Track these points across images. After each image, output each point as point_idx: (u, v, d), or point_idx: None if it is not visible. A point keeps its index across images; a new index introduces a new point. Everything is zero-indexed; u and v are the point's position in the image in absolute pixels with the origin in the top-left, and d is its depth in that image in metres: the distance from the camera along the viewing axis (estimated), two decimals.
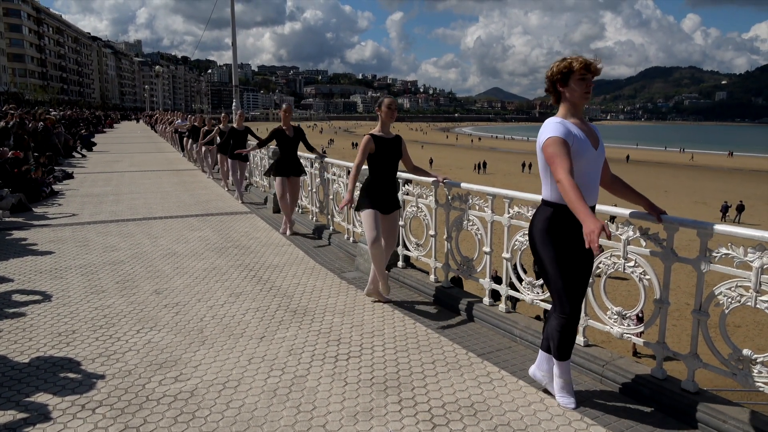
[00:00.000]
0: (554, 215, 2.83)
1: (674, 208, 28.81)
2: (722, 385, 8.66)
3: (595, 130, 2.91)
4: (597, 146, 2.83)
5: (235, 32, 16.96)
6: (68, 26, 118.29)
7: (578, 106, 2.83)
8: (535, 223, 2.94)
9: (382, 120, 4.63)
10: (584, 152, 2.74)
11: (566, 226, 2.80)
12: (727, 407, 2.77)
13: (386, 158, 4.57)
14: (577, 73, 2.76)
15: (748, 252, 2.66)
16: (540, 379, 3.15)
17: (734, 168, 59.61)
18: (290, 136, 7.43)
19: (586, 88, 2.79)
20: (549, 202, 2.87)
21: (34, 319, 4.27)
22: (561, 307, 2.85)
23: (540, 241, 2.87)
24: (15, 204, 8.94)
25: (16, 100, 57.54)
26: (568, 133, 2.71)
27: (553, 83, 2.85)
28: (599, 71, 2.80)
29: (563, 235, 2.82)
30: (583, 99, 2.80)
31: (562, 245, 2.82)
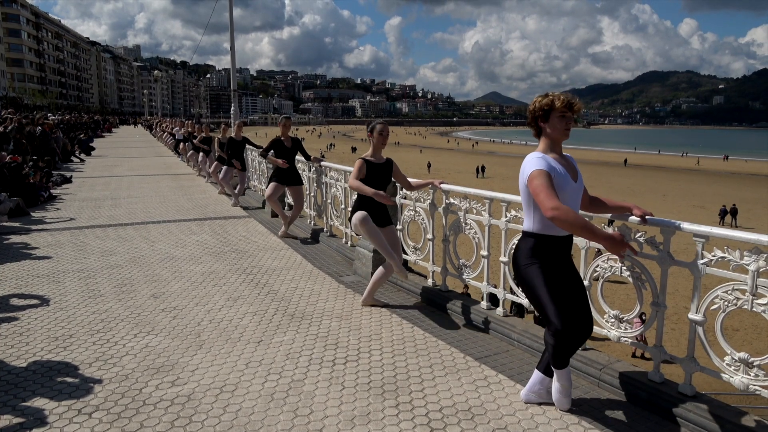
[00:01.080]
0: (537, 245, 2.89)
1: (673, 212, 28.87)
2: (720, 389, 8.65)
3: (573, 162, 2.98)
4: (576, 179, 2.91)
5: (233, 37, 16.99)
6: (67, 31, 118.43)
7: (557, 142, 2.91)
8: (518, 254, 2.97)
9: (374, 144, 4.65)
10: (565, 186, 2.80)
11: (550, 254, 2.89)
12: (724, 411, 2.77)
13: (375, 182, 4.55)
14: (558, 110, 2.85)
15: (744, 255, 2.67)
16: (535, 401, 3.06)
17: (732, 172, 59.74)
18: (288, 147, 7.52)
19: (566, 126, 2.87)
20: (531, 233, 2.92)
21: (31, 323, 4.26)
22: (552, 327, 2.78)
23: (525, 264, 2.91)
24: (13, 208, 8.92)
25: (14, 105, 57.53)
26: (551, 167, 2.79)
27: (534, 118, 2.93)
28: (580, 110, 2.90)
29: (548, 261, 2.88)
30: (563, 135, 2.88)
31: (548, 265, 2.87)
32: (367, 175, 4.55)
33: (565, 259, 2.96)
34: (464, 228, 4.51)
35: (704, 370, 2.94)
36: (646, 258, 3.14)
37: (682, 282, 13.78)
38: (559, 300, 2.80)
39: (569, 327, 2.76)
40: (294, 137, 7.73)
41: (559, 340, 2.77)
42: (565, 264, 2.96)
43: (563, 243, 2.92)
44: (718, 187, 43.53)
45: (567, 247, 2.97)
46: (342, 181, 6.71)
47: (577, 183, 2.90)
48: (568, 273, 2.96)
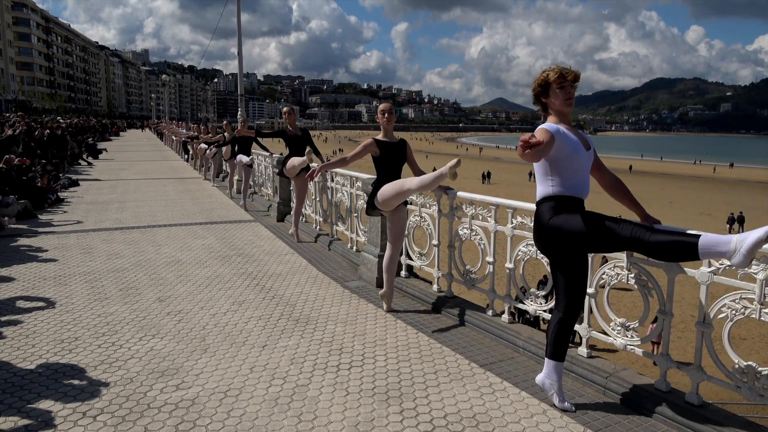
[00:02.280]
0: (557, 204, 2.90)
1: (680, 219, 28.71)
2: (727, 398, 8.57)
3: (584, 135, 3.05)
4: (588, 148, 3.00)
5: (241, 42, 17.09)
6: (76, 35, 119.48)
7: (564, 114, 2.96)
8: (541, 220, 2.95)
9: (383, 126, 4.69)
10: (577, 151, 2.88)
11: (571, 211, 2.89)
12: (732, 421, 2.74)
13: (391, 161, 4.62)
14: (554, 83, 2.91)
15: (752, 264, 2.65)
16: (548, 388, 3.10)
17: (740, 179, 59.40)
18: (298, 135, 7.53)
19: (566, 95, 2.91)
20: (550, 197, 2.93)
21: (37, 326, 4.28)
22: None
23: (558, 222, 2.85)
24: (21, 211, 8.99)
25: (23, 108, 58.00)
26: (558, 131, 2.83)
27: (536, 96, 3.02)
28: (577, 77, 2.91)
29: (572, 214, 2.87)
30: (566, 106, 2.93)
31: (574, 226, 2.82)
32: (382, 154, 4.60)
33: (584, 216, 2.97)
34: (470, 234, 4.50)
35: (711, 379, 2.92)
36: (653, 266, 3.13)
37: (689, 290, 13.69)
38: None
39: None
40: (303, 128, 7.78)
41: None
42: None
43: (580, 205, 2.94)
44: (725, 195, 43.28)
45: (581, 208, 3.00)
46: (348, 186, 6.71)
47: (588, 152, 2.98)
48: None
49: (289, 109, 7.78)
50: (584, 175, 2.98)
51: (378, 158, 4.62)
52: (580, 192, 2.92)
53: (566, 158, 2.87)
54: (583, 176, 2.97)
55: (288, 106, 7.87)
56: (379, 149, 4.59)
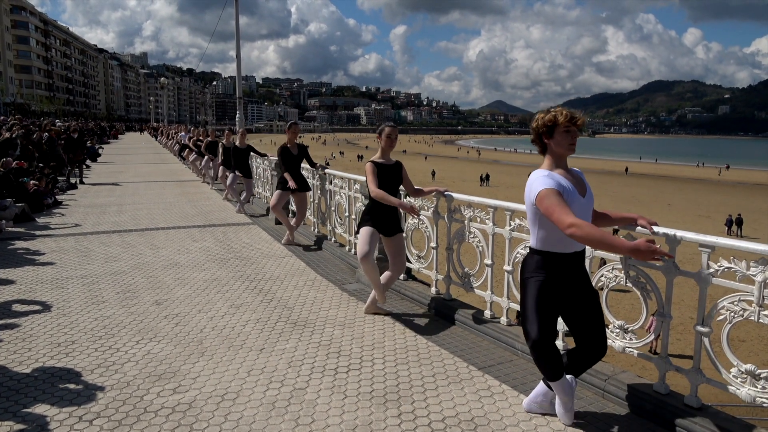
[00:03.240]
0: (544, 261, 2.84)
1: (678, 221, 28.75)
2: (726, 401, 8.57)
3: (581, 176, 2.92)
4: (584, 194, 2.84)
5: (239, 45, 17.10)
6: (75, 38, 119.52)
7: (563, 158, 2.85)
8: (525, 269, 2.93)
9: (382, 148, 4.66)
10: (573, 203, 2.72)
11: (558, 270, 2.83)
12: (730, 423, 2.73)
13: (387, 184, 4.57)
14: (561, 126, 2.78)
15: (750, 266, 2.64)
16: (536, 411, 3.04)
17: (738, 182, 59.51)
18: (294, 154, 7.50)
19: (570, 140, 2.81)
20: (537, 251, 2.87)
21: (33, 329, 4.26)
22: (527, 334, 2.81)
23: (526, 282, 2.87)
24: (18, 214, 8.96)
25: (22, 111, 57.99)
26: (558, 185, 2.72)
27: (538, 135, 2.87)
28: (584, 124, 2.83)
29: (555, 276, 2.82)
30: (568, 151, 2.82)
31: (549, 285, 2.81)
32: (378, 177, 4.55)
33: (576, 275, 2.88)
34: (468, 236, 4.49)
35: (710, 381, 2.90)
36: (651, 268, 3.12)
37: (687, 292, 13.69)
38: (543, 314, 2.77)
39: (545, 339, 2.75)
40: (300, 144, 7.75)
41: (536, 352, 2.78)
42: (577, 281, 2.88)
43: (572, 259, 2.85)
44: (723, 197, 43.34)
45: (577, 263, 2.89)
46: (346, 188, 6.71)
47: (585, 198, 2.83)
48: (581, 290, 2.88)
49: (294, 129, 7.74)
50: None
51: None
52: (567, 246, 2.81)
53: None
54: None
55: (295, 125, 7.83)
56: (378, 172, 4.55)
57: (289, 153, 7.52)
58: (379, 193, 4.44)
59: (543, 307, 2.79)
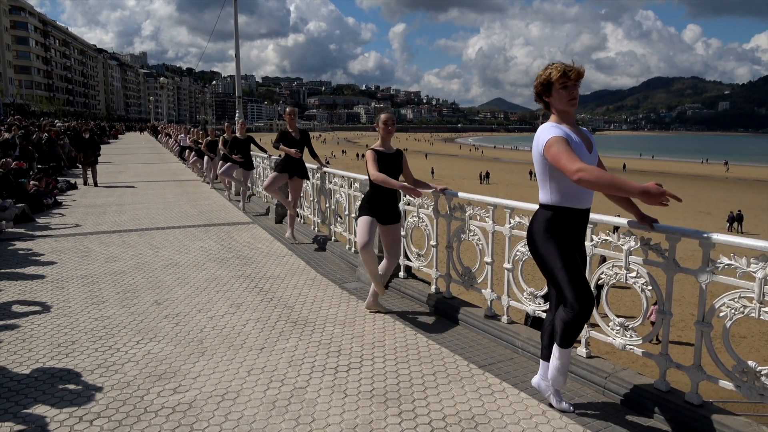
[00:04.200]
0: (554, 217, 2.86)
1: (679, 218, 28.72)
2: (728, 397, 8.56)
3: (588, 134, 2.95)
4: (591, 150, 2.89)
5: (238, 44, 17.08)
6: (74, 38, 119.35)
7: (567, 113, 2.85)
8: (534, 227, 2.93)
9: (381, 136, 4.66)
10: (580, 155, 2.74)
11: (566, 227, 2.86)
12: (731, 420, 2.73)
13: (387, 172, 4.55)
14: (557, 82, 2.80)
15: (751, 262, 2.64)
16: (544, 390, 3.09)
17: (739, 178, 59.45)
18: (297, 138, 7.48)
19: (569, 95, 2.81)
20: (548, 206, 2.88)
21: (34, 330, 4.25)
22: (570, 305, 2.78)
23: (542, 241, 2.87)
24: (18, 215, 8.96)
25: (21, 112, 57.98)
26: (566, 134, 2.75)
27: (538, 95, 2.90)
28: (581, 75, 2.80)
29: (564, 234, 2.85)
30: (570, 106, 2.82)
31: (564, 243, 2.84)
32: (379, 164, 4.54)
33: (580, 234, 2.94)
34: (468, 234, 4.49)
35: (711, 378, 2.90)
36: (651, 265, 3.11)
37: (688, 289, 13.68)
38: (579, 281, 2.78)
39: (587, 309, 2.76)
40: (302, 129, 7.74)
41: (575, 321, 2.78)
42: (579, 240, 2.94)
43: (581, 217, 2.89)
44: (723, 193, 43.31)
45: (584, 221, 2.94)
46: (346, 187, 6.70)
47: (591, 154, 2.87)
48: (580, 250, 2.95)
49: (291, 110, 7.77)
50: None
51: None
52: (579, 201, 2.84)
53: None
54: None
55: (290, 108, 7.86)
56: (378, 160, 4.53)
57: (290, 136, 7.49)
58: (380, 176, 4.41)
59: (574, 273, 2.79)
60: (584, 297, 2.77)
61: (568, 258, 2.81)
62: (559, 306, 2.93)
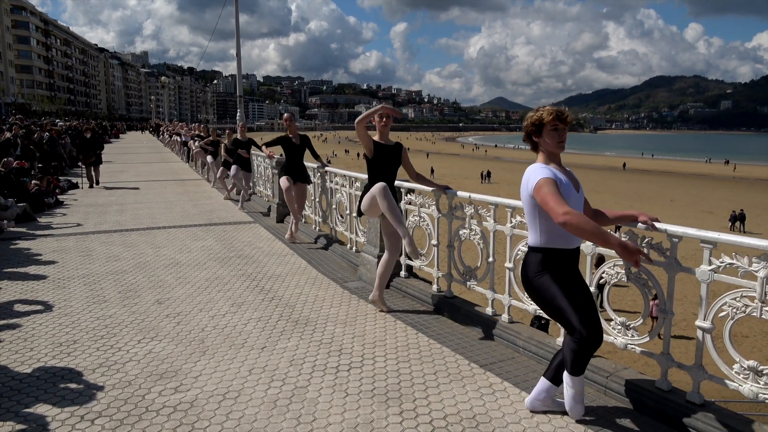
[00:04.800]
0: (545, 259, 2.86)
1: (680, 217, 28.68)
2: (729, 397, 8.56)
3: (573, 175, 2.97)
4: (578, 189, 2.91)
5: (239, 43, 17.08)
6: (76, 38, 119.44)
7: (555, 155, 2.90)
8: (528, 271, 2.92)
9: (378, 130, 4.67)
10: (568, 196, 2.77)
11: (559, 266, 2.85)
12: (733, 420, 2.72)
13: (385, 164, 4.58)
14: (548, 125, 2.84)
15: (753, 262, 2.63)
16: (539, 409, 3.02)
17: (741, 177, 59.37)
18: (296, 144, 7.48)
19: (559, 138, 2.86)
20: (538, 248, 2.88)
21: (35, 329, 4.26)
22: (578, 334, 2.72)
23: (536, 278, 2.87)
24: (20, 214, 8.98)
25: (23, 111, 58.04)
26: (555, 176, 2.77)
27: (528, 134, 2.94)
28: (572, 121, 2.88)
29: (559, 273, 2.84)
30: (558, 148, 2.87)
31: (559, 276, 2.83)
32: (377, 155, 4.55)
33: (573, 271, 2.93)
34: (469, 234, 4.48)
35: (713, 378, 2.89)
36: (652, 264, 3.10)
37: (690, 288, 13.66)
38: (581, 307, 2.75)
39: (595, 334, 2.72)
40: (303, 134, 7.73)
41: (583, 348, 2.73)
42: (573, 275, 2.92)
43: (571, 256, 2.89)
44: (725, 192, 43.23)
45: (575, 260, 2.94)
46: (347, 186, 6.70)
47: (579, 193, 2.90)
48: (578, 283, 2.92)
49: (289, 116, 7.74)
50: None
51: (371, 160, 4.60)
52: (568, 242, 2.84)
53: None
54: None
55: (288, 113, 7.85)
56: (375, 150, 4.57)
57: (290, 142, 7.48)
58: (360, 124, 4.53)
59: (574, 299, 2.77)
60: (590, 322, 2.72)
61: (566, 288, 2.80)
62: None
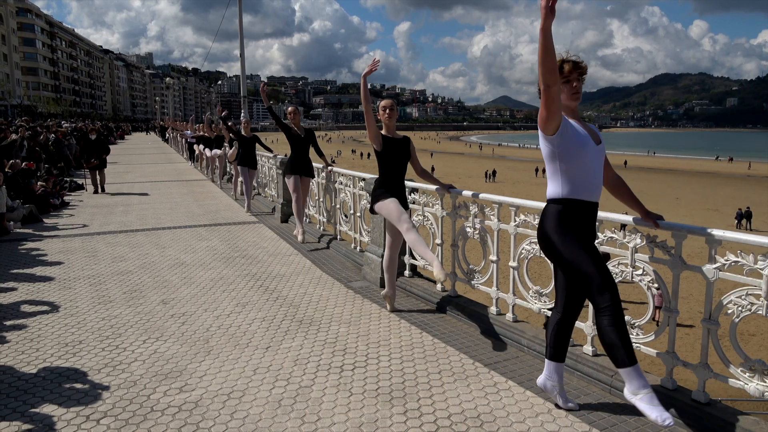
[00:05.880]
0: (565, 210, 2.80)
1: (686, 215, 28.57)
2: (735, 395, 8.52)
3: (594, 129, 2.92)
4: (599, 142, 2.86)
5: (243, 44, 17.11)
6: (81, 40, 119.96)
7: (570, 108, 2.83)
8: (546, 223, 2.86)
9: (384, 123, 4.62)
10: (586, 145, 2.76)
11: (578, 220, 2.80)
12: (739, 418, 2.71)
13: (394, 157, 4.51)
14: (563, 75, 2.77)
15: (758, 259, 2.61)
16: (549, 390, 3.06)
17: (747, 175, 59.03)
18: (301, 136, 7.38)
19: (573, 89, 2.81)
20: (558, 199, 2.83)
21: (41, 330, 4.28)
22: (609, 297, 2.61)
23: (557, 236, 2.80)
24: (26, 215, 9.03)
25: (29, 113, 58.34)
26: (565, 119, 2.74)
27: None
28: (584, 70, 2.81)
29: (578, 228, 2.79)
30: (573, 100, 2.83)
31: (581, 235, 2.78)
32: (385, 148, 4.49)
33: (591, 230, 2.89)
34: (473, 233, 4.48)
35: (718, 376, 2.88)
36: (657, 263, 3.10)
37: (696, 286, 13.60)
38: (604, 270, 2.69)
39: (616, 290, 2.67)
40: (308, 128, 7.65)
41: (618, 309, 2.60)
42: (591, 236, 2.88)
43: (591, 210, 2.85)
44: (731, 190, 43.01)
45: (594, 215, 2.89)
46: (351, 186, 6.70)
47: (599, 146, 2.84)
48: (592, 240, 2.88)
49: (293, 109, 7.75)
50: (595, 173, 2.83)
51: (381, 153, 4.51)
52: (590, 194, 2.80)
53: (575, 151, 2.75)
54: (594, 173, 2.82)
55: (293, 106, 7.85)
56: (383, 143, 4.50)
57: (292, 131, 7.41)
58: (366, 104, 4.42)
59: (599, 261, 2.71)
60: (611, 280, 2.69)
61: (589, 247, 2.76)
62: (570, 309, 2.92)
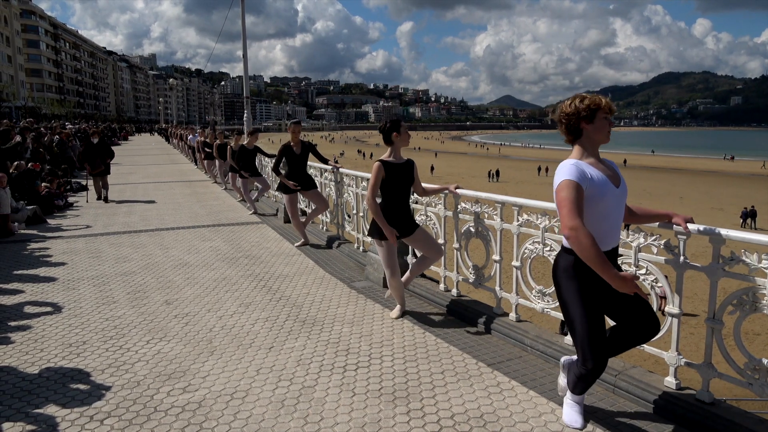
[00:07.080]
0: (578, 262, 2.60)
1: (691, 214, 28.33)
2: (739, 395, 8.48)
3: (613, 166, 2.73)
4: (618, 184, 2.65)
5: (246, 45, 17.13)
6: (84, 41, 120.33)
7: (597, 145, 2.67)
8: (558, 272, 2.75)
9: (397, 145, 4.38)
10: (605, 193, 2.56)
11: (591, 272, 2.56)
12: (743, 418, 2.70)
13: (398, 184, 4.37)
14: (603, 110, 2.63)
15: (762, 258, 2.60)
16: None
17: (752, 173, 58.78)
18: (297, 153, 7.20)
19: (609, 127, 2.67)
20: (570, 250, 2.64)
21: (45, 330, 4.30)
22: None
23: (565, 282, 2.69)
24: (30, 216, 9.06)
25: (33, 115, 58.54)
26: (584, 175, 2.53)
27: (577, 120, 2.65)
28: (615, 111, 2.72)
29: (589, 282, 2.62)
30: (607, 138, 2.66)
31: (589, 285, 2.63)
32: (388, 177, 4.32)
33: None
34: (476, 233, 4.47)
35: (722, 376, 2.87)
36: (660, 262, 3.08)
37: (700, 285, 13.54)
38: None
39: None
40: (306, 141, 7.57)
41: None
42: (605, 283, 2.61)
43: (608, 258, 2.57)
44: (736, 189, 42.85)
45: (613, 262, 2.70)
46: (354, 186, 6.70)
47: (619, 189, 2.64)
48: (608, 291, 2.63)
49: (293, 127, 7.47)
50: (613, 220, 2.64)
51: (385, 180, 4.33)
52: (607, 243, 2.62)
53: (593, 202, 2.55)
54: (612, 221, 2.64)
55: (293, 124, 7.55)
56: (386, 172, 4.32)
57: (291, 152, 7.35)
58: (372, 205, 4.29)
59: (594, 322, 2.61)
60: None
61: (590, 305, 2.62)
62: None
